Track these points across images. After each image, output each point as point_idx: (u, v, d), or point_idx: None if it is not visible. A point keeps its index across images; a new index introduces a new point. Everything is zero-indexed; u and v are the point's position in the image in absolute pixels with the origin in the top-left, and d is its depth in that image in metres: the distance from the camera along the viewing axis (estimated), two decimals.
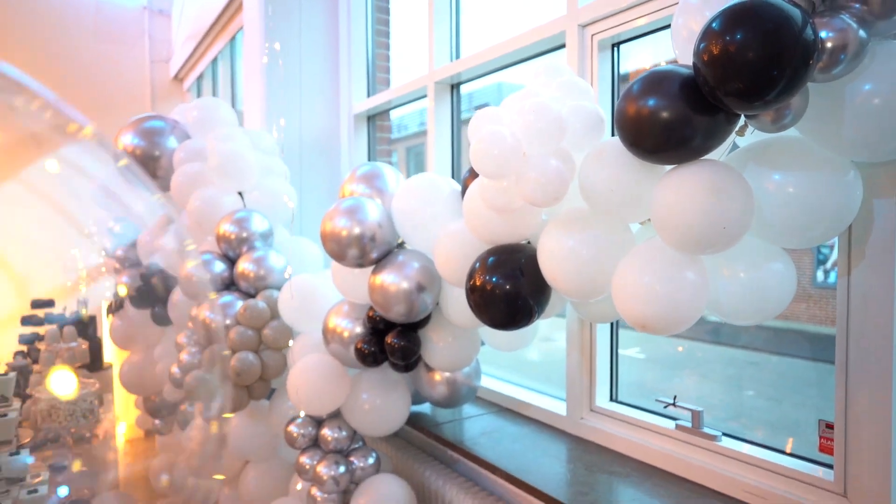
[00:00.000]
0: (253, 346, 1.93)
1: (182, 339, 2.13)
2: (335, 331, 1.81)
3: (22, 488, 1.41)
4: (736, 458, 1.43)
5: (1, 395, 1.36)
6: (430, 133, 2.46)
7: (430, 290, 1.55)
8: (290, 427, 1.86)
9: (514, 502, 1.74)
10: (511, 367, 2.39)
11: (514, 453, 1.77)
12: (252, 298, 2.06)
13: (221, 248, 2.18)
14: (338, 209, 1.58)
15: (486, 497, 1.77)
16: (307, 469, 1.82)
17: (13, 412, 1.39)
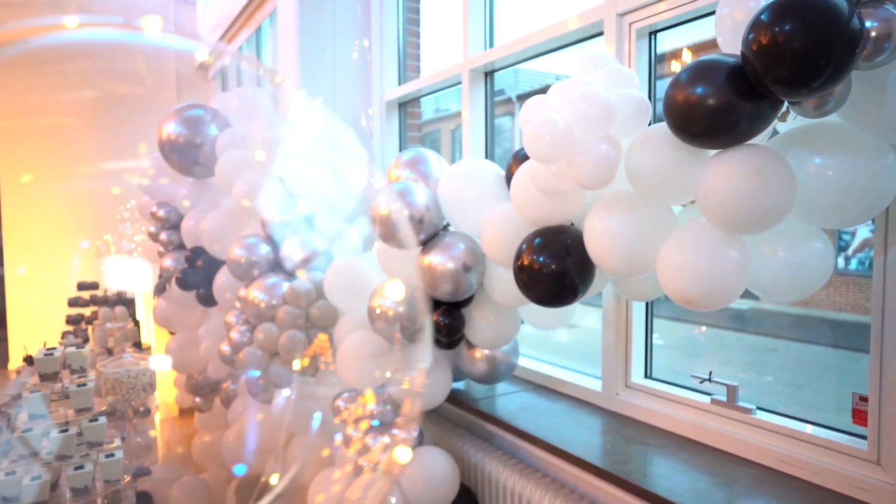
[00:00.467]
0: (300, 324, 2.02)
1: (231, 319, 2.23)
2: (380, 309, 1.90)
3: (100, 452, 1.52)
4: (770, 430, 1.50)
5: (80, 367, 1.46)
6: (465, 120, 2.52)
7: (475, 270, 1.63)
8: (337, 401, 1.95)
9: (553, 473, 1.82)
10: (540, 348, 2.47)
11: (552, 426, 1.85)
12: (297, 280, 2.15)
13: (267, 231, 2.27)
14: (388, 193, 1.66)
15: (525, 469, 1.85)
16: (354, 440, 1.91)
17: (91, 382, 1.49)
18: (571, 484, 1.76)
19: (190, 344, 2.83)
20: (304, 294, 2.03)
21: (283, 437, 2.27)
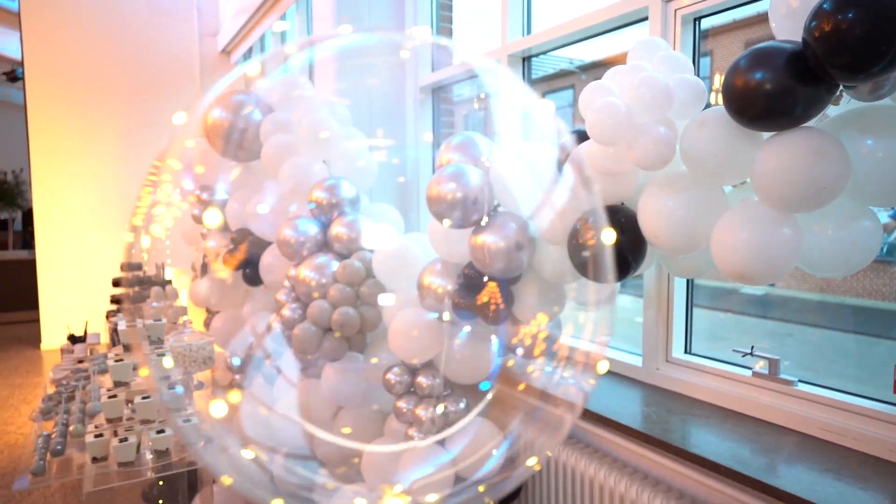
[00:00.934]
0: (351, 301, 2.11)
1: (281, 297, 2.32)
2: (430, 287, 1.98)
3: (179, 417, 1.62)
4: (813, 401, 1.57)
5: (157, 338, 1.55)
6: None
7: (526, 249, 1.71)
8: (387, 375, 2.05)
9: (595, 443, 1.91)
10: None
11: (593, 398, 1.93)
12: (346, 259, 2.24)
13: (315, 211, 2.36)
14: (443, 175, 1.73)
15: (567, 440, 1.94)
16: (404, 412, 2.01)
17: (168, 353, 1.59)
18: (614, 453, 1.85)
19: (233, 322, 2.94)
20: (355, 272, 2.12)
21: (332, 411, 2.37)
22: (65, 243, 6.27)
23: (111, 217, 6.46)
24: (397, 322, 1.96)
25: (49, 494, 3.14)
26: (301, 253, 2.30)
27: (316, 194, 2.35)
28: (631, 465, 1.82)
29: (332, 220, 2.35)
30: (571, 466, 1.89)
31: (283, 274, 2.54)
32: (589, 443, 1.93)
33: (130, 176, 6.52)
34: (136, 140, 6.55)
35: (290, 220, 2.35)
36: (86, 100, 6.34)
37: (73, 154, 6.32)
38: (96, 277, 6.35)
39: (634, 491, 1.71)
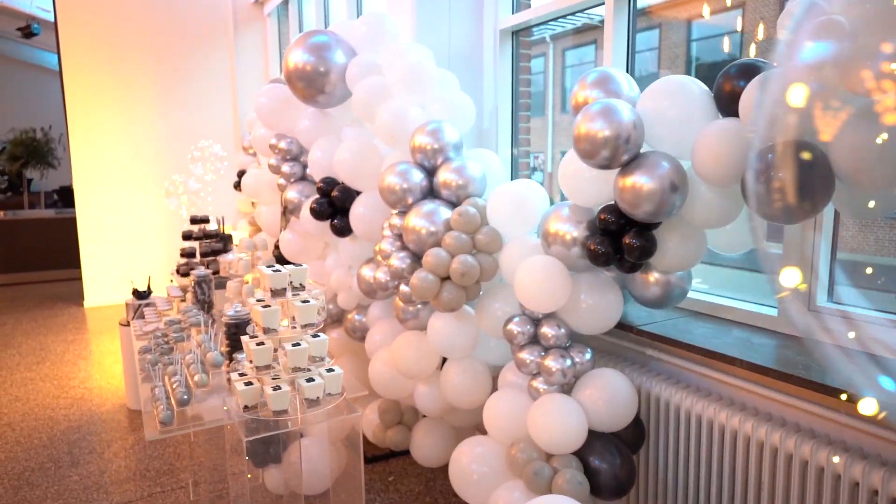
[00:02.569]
0: (468, 249, 2.02)
1: (385, 247, 2.24)
2: (557, 234, 1.89)
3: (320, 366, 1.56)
4: None
5: (300, 283, 1.47)
6: (608, 39, 2.44)
7: (681, 190, 1.61)
8: (509, 325, 1.98)
9: (726, 393, 1.85)
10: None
11: (725, 345, 1.85)
12: (457, 206, 2.15)
13: (417, 159, 2.25)
14: (590, 112, 1.62)
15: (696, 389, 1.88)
16: (528, 363, 1.95)
17: (314, 299, 1.52)
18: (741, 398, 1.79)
19: (316, 276, 2.87)
20: (471, 219, 2.03)
21: (436, 362, 2.32)
22: (104, 201, 6.20)
23: (148, 173, 6.37)
24: (525, 271, 1.87)
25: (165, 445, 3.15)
26: (406, 200, 2.21)
27: (418, 139, 2.25)
28: (764, 409, 1.76)
29: (437, 166, 2.25)
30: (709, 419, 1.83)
31: (377, 224, 2.46)
32: (720, 393, 1.87)
33: (167, 130, 6.41)
34: (171, 94, 6.41)
35: (393, 166, 2.25)
36: (120, 55, 6.17)
37: (108, 110, 6.19)
38: (136, 234, 6.31)
39: (763, 431, 1.65)
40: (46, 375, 4.26)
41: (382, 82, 2.43)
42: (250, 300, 1.53)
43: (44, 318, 5.82)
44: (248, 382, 1.47)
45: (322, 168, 2.69)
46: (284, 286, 1.49)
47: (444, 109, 2.41)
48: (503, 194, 2.06)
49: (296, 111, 2.86)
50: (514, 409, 1.93)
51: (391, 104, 2.35)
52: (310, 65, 2.64)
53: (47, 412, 3.62)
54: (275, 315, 1.48)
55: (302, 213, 2.76)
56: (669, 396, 1.94)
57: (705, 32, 10.63)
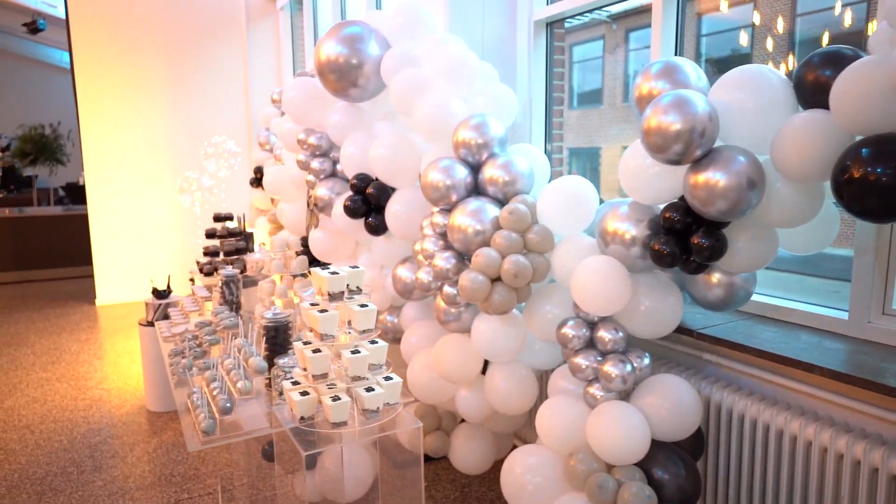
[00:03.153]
0: (519, 249, 1.93)
1: (428, 246, 2.15)
2: (616, 233, 1.80)
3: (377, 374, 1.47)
4: None
5: (356, 286, 1.38)
6: (656, 28, 2.33)
7: (759, 187, 1.51)
8: (563, 329, 1.88)
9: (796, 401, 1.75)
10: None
11: (789, 349, 1.76)
12: (504, 204, 2.05)
13: (460, 155, 2.16)
14: (662, 104, 1.53)
15: (759, 396, 1.79)
16: (584, 368, 1.85)
17: (372, 304, 1.42)
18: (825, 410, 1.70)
19: None
20: (522, 217, 1.93)
21: (479, 366, 2.23)
22: (116, 198, 6.11)
23: (160, 169, 6.27)
24: (584, 271, 1.78)
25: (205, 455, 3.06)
26: (450, 198, 2.12)
27: (462, 134, 2.15)
28: (827, 415, 1.67)
29: (481, 162, 2.15)
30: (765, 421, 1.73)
31: (415, 222, 2.36)
32: (784, 397, 1.78)
33: (178, 126, 6.31)
34: (183, 89, 6.31)
35: (436, 162, 2.15)
36: (131, 50, 6.07)
37: (120, 106, 6.09)
38: (148, 232, 6.22)
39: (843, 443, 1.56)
40: (62, 376, 4.18)
41: (422, 74, 2.33)
42: (304, 304, 1.44)
43: (56, 317, 5.74)
44: (304, 392, 1.38)
45: (355, 164, 2.60)
46: (342, 289, 1.40)
47: (487, 103, 2.31)
48: (556, 191, 1.96)
49: (326, 105, 2.77)
50: (570, 417, 1.84)
51: (431, 97, 2.25)
52: (343, 57, 2.54)
53: (66, 414, 3.54)
54: (333, 320, 1.39)
55: (334, 211, 2.67)
56: (732, 403, 1.84)
57: (715, 27, 10.56)
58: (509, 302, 1.90)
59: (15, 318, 5.69)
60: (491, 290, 1.90)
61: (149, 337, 3.51)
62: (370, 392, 1.37)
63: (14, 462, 2.98)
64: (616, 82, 10.70)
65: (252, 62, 6.53)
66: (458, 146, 2.16)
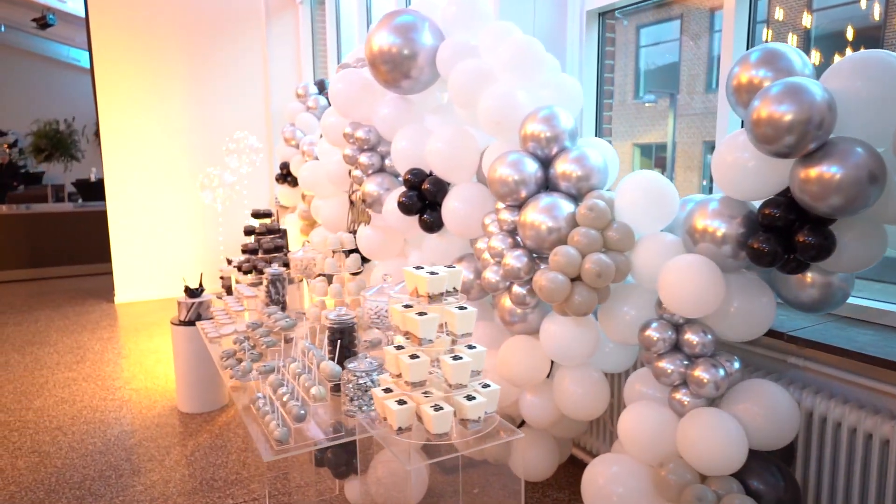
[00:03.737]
0: (598, 247, 1.83)
1: (496, 244, 2.05)
2: (706, 230, 1.71)
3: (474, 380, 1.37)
4: None
5: (453, 288, 1.29)
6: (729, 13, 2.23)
7: (880, 182, 1.41)
8: (647, 332, 1.79)
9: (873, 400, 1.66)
10: None
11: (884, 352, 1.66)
12: (578, 200, 1.96)
13: (528, 148, 2.06)
14: (774, 92, 1.43)
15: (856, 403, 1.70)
16: (669, 373, 1.76)
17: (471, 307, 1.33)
18: None
19: (398, 272, 2.68)
20: (602, 214, 1.84)
21: (547, 369, 2.13)
22: (135, 194, 6.02)
23: (180, 165, 6.17)
24: (674, 271, 1.68)
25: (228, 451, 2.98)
26: (519, 193, 2.02)
27: (531, 127, 2.06)
28: None
29: (551, 156, 2.06)
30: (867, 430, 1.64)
31: (475, 219, 2.27)
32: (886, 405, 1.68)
33: (198, 122, 6.21)
34: (202, 84, 6.21)
35: (504, 156, 2.06)
36: (150, 45, 5.96)
37: (139, 102, 5.99)
38: (168, 228, 6.13)
39: None
40: (88, 375, 4.10)
41: (483, 65, 2.23)
42: (396, 306, 1.35)
43: (76, 315, 5.65)
44: (401, 401, 1.28)
45: (407, 159, 2.50)
46: (442, 291, 1.30)
47: (552, 94, 2.22)
48: (636, 187, 1.87)
49: (374, 98, 2.67)
50: (656, 425, 1.74)
51: (496, 89, 2.15)
52: (395, 47, 2.45)
53: (97, 415, 3.46)
54: (433, 324, 1.29)
55: (385, 207, 2.58)
56: (826, 410, 1.75)
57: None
58: (590, 303, 1.80)
59: (35, 317, 5.61)
60: (571, 291, 1.80)
61: (182, 337, 3.42)
62: (472, 401, 1.28)
63: (50, 465, 2.89)
64: (626, 79, 10.51)
65: (271, 57, 6.43)
66: (527, 139, 2.06)
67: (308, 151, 4.14)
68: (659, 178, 1.87)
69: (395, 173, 2.73)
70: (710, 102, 11.16)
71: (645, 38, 10.59)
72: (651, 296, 1.89)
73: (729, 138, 1.66)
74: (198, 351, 3.43)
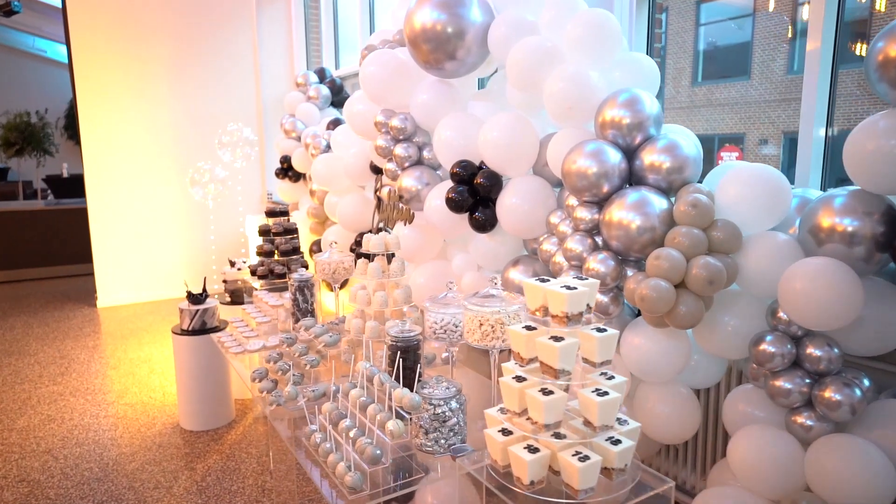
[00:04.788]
0: (704, 249, 1.60)
1: (574, 246, 1.80)
2: (833, 229, 1.48)
3: None
4: None
5: (586, 305, 1.03)
6: None
7: None
8: (761, 346, 1.56)
9: None
10: None
11: None
12: (668, 194, 1.72)
13: (608, 136, 1.81)
14: None
15: None
16: (789, 393, 1.53)
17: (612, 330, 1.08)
18: None
19: (436, 278, 2.42)
20: (705, 211, 1.60)
21: None
22: (118, 191, 5.62)
23: (166, 160, 5.79)
24: (799, 277, 1.45)
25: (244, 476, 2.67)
26: (600, 188, 1.77)
27: (610, 113, 1.81)
28: None
29: (634, 146, 1.81)
30: None
31: (536, 216, 2.02)
32: None
33: (186, 115, 5.82)
34: (190, 74, 5.82)
35: (581, 146, 1.81)
36: (134, 33, 5.55)
37: (122, 93, 5.57)
38: (154, 227, 5.75)
39: None
40: (76, 389, 3.75)
41: (547, 43, 1.98)
42: (514, 328, 1.09)
43: (55, 321, 5.26)
44: (531, 447, 1.03)
45: (453, 150, 2.24)
46: (582, 309, 1.05)
47: (626, 75, 1.97)
48: (744, 180, 1.63)
49: (412, 82, 2.40)
50: (779, 453, 1.52)
51: (565, 70, 1.90)
52: (440, 24, 2.18)
53: (90, 435, 3.13)
54: (572, 351, 1.04)
55: (427, 204, 2.31)
56: None
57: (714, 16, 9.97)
58: (697, 314, 1.57)
59: (10, 323, 5.19)
60: (676, 300, 1.56)
61: (185, 347, 3.11)
62: (617, 445, 1.03)
63: (42, 497, 2.56)
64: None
65: (262, 45, 6.07)
66: (605, 127, 1.81)
67: (315, 144, 3.85)
68: (770, 170, 1.64)
69: (434, 166, 2.46)
70: (696, 95, 10.99)
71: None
72: (758, 304, 1.66)
73: (866, 124, 1.44)
74: (203, 363, 3.12)
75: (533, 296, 1.10)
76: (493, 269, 2.28)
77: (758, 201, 1.61)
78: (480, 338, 1.50)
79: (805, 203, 1.69)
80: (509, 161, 2.07)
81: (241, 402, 3.48)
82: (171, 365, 4.11)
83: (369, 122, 2.52)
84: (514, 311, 1.50)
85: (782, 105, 7.89)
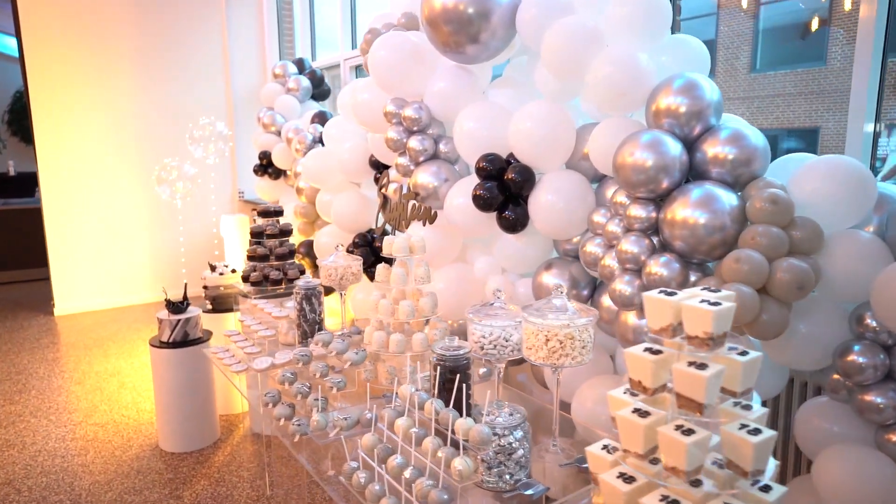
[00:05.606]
0: (785, 251, 1.44)
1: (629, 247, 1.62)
2: None
3: None
4: None
5: (723, 332, 0.84)
6: None
7: None
8: (849, 356, 1.41)
9: None
10: None
11: None
12: (735, 189, 1.55)
13: (663, 126, 1.64)
14: None
15: None
16: (880, 408, 1.39)
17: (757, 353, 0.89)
18: None
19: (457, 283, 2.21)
20: (785, 208, 1.44)
21: None
22: (76, 190, 5.21)
23: (129, 156, 5.39)
24: None
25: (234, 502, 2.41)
26: (659, 182, 1.60)
27: (666, 101, 1.64)
28: None
29: (693, 136, 1.64)
30: None
31: (576, 214, 1.84)
32: None
33: (151, 108, 5.44)
34: (154, 65, 5.43)
35: (635, 137, 1.63)
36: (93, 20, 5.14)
37: (79, 88, 5.15)
38: (117, 229, 5.35)
39: None
40: (37, 409, 3.39)
41: (589, 24, 1.79)
42: (634, 351, 0.90)
43: (8, 332, 4.83)
44: (669, 498, 0.84)
45: (476, 142, 2.03)
46: (727, 329, 0.87)
47: (675, 59, 1.80)
48: (824, 174, 1.48)
49: (427, 69, 2.18)
50: (875, 475, 1.37)
51: (612, 53, 1.72)
52: (463, 3, 1.97)
53: (57, 462, 2.80)
54: (719, 381, 0.86)
55: (448, 202, 2.10)
56: None
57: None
58: (782, 323, 1.41)
59: None
60: (761, 307, 1.40)
61: (165, 361, 2.82)
62: (769, 493, 0.85)
63: None
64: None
65: (231, 34, 5.73)
66: (660, 115, 1.64)
67: (300, 139, 3.58)
68: (853, 162, 1.49)
69: (451, 160, 2.25)
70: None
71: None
72: (838, 309, 1.51)
73: None
74: (186, 378, 2.84)
75: (659, 312, 0.91)
76: (520, 272, 2.10)
77: (839, 196, 1.46)
78: (547, 355, 1.30)
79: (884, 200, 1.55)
80: (544, 154, 1.88)
81: (225, 417, 3.21)
82: (143, 378, 3.79)
83: (377, 113, 2.29)
84: (584, 324, 1.31)
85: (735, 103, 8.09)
